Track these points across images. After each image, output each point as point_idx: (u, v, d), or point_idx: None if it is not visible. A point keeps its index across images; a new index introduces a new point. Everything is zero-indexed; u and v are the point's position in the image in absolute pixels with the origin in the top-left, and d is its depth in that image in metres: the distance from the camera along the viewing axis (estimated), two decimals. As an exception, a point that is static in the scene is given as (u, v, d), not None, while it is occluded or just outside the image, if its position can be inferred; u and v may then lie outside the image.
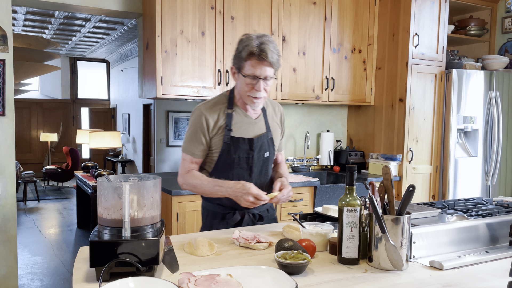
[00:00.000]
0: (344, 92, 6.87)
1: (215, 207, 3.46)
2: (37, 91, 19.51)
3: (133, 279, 2.03)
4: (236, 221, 3.38)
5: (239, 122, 3.33)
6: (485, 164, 7.11)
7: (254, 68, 3.12)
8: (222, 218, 3.43)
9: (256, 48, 3.10)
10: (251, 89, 3.19)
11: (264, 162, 3.46)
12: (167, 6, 5.54)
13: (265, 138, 3.42)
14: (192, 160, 3.37)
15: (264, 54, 3.08)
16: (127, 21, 12.19)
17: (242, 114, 3.37)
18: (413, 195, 2.40)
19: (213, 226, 3.45)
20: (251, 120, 3.38)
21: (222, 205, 3.42)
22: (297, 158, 7.24)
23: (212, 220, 3.48)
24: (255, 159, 3.36)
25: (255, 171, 3.41)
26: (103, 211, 2.23)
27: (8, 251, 5.13)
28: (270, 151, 3.48)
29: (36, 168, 18.73)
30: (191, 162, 3.37)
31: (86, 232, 10.46)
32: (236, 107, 3.37)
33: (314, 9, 6.52)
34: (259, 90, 3.17)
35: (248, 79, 3.16)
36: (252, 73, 3.13)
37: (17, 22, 12.39)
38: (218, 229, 3.33)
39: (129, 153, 16.36)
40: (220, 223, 3.43)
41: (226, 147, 3.28)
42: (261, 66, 3.12)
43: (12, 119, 5.02)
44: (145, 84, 5.98)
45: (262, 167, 3.46)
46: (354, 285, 2.19)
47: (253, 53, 3.11)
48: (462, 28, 7.58)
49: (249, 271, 2.24)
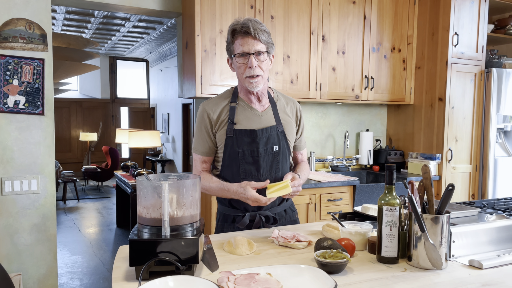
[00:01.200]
0: (384, 92, 6.85)
1: (226, 209, 3.44)
2: (76, 90, 19.69)
3: (172, 278, 2.05)
4: (245, 224, 3.31)
5: (243, 114, 3.30)
6: (526, 164, 7.05)
7: (241, 45, 3.13)
8: (232, 221, 3.40)
9: (238, 25, 3.14)
10: (244, 68, 3.18)
11: (274, 156, 3.34)
12: (207, 6, 5.57)
13: (274, 131, 3.32)
14: (201, 159, 3.38)
15: (246, 28, 3.10)
16: (167, 21, 12.23)
17: (246, 107, 3.34)
18: (452, 194, 2.40)
19: (223, 229, 3.43)
20: (257, 112, 3.33)
21: (234, 207, 3.41)
22: (336, 157, 7.23)
23: (223, 223, 3.45)
24: (261, 153, 3.27)
25: (263, 166, 3.30)
26: (142, 210, 2.26)
27: (48, 250, 5.19)
28: (281, 145, 3.36)
29: (75, 168, 18.91)
30: (201, 162, 3.39)
31: (125, 231, 10.53)
32: (240, 101, 3.36)
33: (354, 8, 6.51)
34: (252, 66, 3.13)
35: (240, 59, 3.17)
36: (241, 50, 3.14)
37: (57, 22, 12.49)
38: (229, 232, 3.30)
39: (168, 152, 16.42)
40: (230, 225, 3.41)
41: (230, 140, 3.25)
42: (247, 40, 3.12)
43: (52, 119, 5.07)
44: (184, 84, 6.01)
45: (273, 162, 3.34)
46: (394, 284, 2.19)
47: (235, 30, 3.15)
48: (502, 27, 7.50)
49: (288, 270, 2.24)
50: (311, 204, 5.75)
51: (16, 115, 4.89)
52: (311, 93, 6.25)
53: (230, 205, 3.41)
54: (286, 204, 3.54)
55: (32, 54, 4.91)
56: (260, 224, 3.34)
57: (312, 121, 7.05)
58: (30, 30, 4.88)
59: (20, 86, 4.85)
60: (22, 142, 4.95)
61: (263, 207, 3.35)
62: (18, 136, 4.92)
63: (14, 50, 4.81)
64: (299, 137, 3.60)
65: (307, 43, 6.21)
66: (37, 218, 5.09)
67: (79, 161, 19.48)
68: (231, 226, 3.39)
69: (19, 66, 4.83)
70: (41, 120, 5.01)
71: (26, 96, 4.89)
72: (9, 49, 4.80)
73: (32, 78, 4.90)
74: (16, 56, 4.82)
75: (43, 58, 4.96)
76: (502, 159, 6.86)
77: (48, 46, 5.00)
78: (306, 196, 5.67)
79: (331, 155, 7.23)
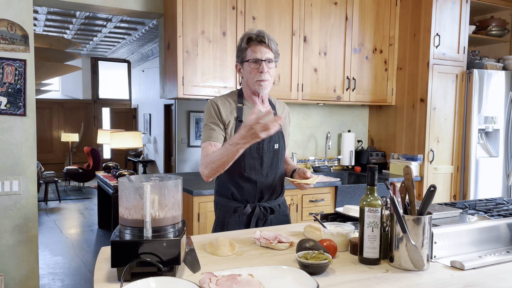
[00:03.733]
0: (365, 92, 6.87)
1: (227, 201, 3.58)
2: (58, 91, 19.61)
3: (154, 279, 2.04)
4: (247, 213, 3.51)
5: (249, 114, 3.31)
6: (506, 164, 7.08)
7: (255, 52, 3.39)
8: (234, 212, 3.55)
9: (254, 34, 3.41)
10: (256, 73, 3.41)
11: (275, 154, 3.58)
12: (188, 6, 5.56)
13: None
14: (210, 144, 3.43)
15: (261, 37, 3.38)
16: (148, 21, 12.22)
17: (252, 108, 3.54)
18: (434, 195, 2.41)
19: (225, 219, 3.57)
20: (261, 114, 3.38)
21: (235, 199, 3.56)
22: (318, 158, 7.24)
23: (225, 214, 3.58)
24: (265, 149, 3.50)
25: (266, 161, 3.52)
26: (124, 211, 2.25)
27: (29, 251, 5.17)
28: (280, 144, 3.61)
29: (57, 168, 18.83)
30: (210, 146, 3.43)
31: (107, 232, 10.51)
32: (246, 102, 3.59)
33: (335, 9, 6.52)
34: (264, 71, 3.39)
35: (252, 64, 3.41)
36: (254, 56, 3.39)
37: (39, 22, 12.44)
38: (230, 223, 3.54)
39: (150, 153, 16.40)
40: (232, 216, 3.55)
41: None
42: (261, 48, 3.39)
43: (33, 119, 5.06)
44: (166, 84, 6.00)
45: (273, 159, 3.57)
46: (375, 285, 2.19)
47: (251, 38, 3.41)
48: (483, 29, 7.55)
49: (270, 271, 2.24)
50: (293, 205, 5.75)
51: (-3, 116, 4.87)
52: (293, 94, 6.26)
53: (232, 197, 3.58)
54: (280, 199, 3.75)
55: (13, 55, 4.89)
56: (260, 215, 3.56)
57: (294, 122, 7.06)
58: (11, 31, 4.86)
59: (2, 87, 4.83)
60: (4, 143, 4.92)
61: (263, 198, 3.60)
62: (0, 137, 4.89)
63: (-6, 50, 4.79)
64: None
65: (289, 44, 6.22)
66: (19, 219, 5.07)
67: (61, 161, 19.41)
68: (233, 216, 3.57)
69: (0, 67, 4.80)
70: (23, 121, 4.99)
71: (7, 97, 4.87)
72: (-10, 49, 4.78)
73: (13, 79, 4.87)
74: (-3, 57, 4.80)
75: (25, 59, 4.94)
76: (483, 160, 6.90)
77: (29, 47, 4.98)
78: (288, 197, 5.67)
79: (313, 156, 7.24)
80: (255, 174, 3.50)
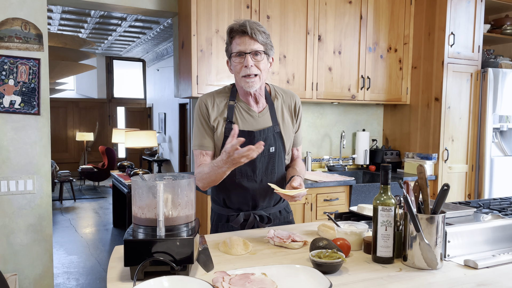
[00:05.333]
0: (380, 91, 6.86)
1: (220, 209, 3.44)
2: (73, 90, 19.68)
3: (167, 278, 2.04)
4: (239, 223, 3.31)
5: (241, 115, 3.27)
6: (522, 164, 7.06)
7: (238, 45, 3.11)
8: (226, 221, 3.40)
9: (236, 25, 3.12)
10: (240, 67, 3.14)
11: (270, 158, 3.31)
12: (203, 5, 5.57)
13: (271, 132, 3.30)
14: (201, 153, 3.31)
15: (243, 27, 3.08)
16: (163, 20, 12.22)
17: (244, 108, 3.30)
18: (447, 194, 2.40)
19: (218, 228, 3.43)
20: (254, 114, 3.29)
21: (228, 206, 3.41)
22: (332, 157, 7.23)
23: (218, 223, 3.44)
24: (258, 154, 2.98)
25: (259, 167, 3.28)
26: (137, 210, 2.25)
27: (44, 250, 5.19)
28: (277, 146, 3.33)
29: (72, 168, 18.88)
30: (202, 155, 3.31)
31: (122, 232, 10.53)
32: (238, 100, 3.32)
33: (350, 8, 6.51)
34: (248, 65, 3.09)
35: (237, 59, 3.14)
36: (237, 49, 3.11)
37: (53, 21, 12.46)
38: (223, 232, 3.29)
39: (165, 152, 16.39)
40: (225, 225, 3.40)
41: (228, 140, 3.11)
42: (244, 40, 3.10)
43: (48, 119, 5.07)
44: (180, 83, 6.01)
45: (268, 164, 3.32)
46: (389, 284, 2.20)
47: (233, 29, 3.14)
48: (498, 27, 7.52)
49: (283, 270, 2.24)
50: (307, 204, 5.75)
51: (12, 115, 4.89)
52: (307, 93, 6.25)
53: (224, 205, 3.41)
54: (282, 205, 3.53)
55: (27, 54, 4.91)
56: (254, 224, 3.33)
57: (308, 121, 7.05)
58: (25, 30, 4.88)
59: (16, 86, 4.85)
60: (18, 142, 4.95)
61: (258, 206, 3.37)
62: (14, 136, 4.92)
63: (9, 50, 4.81)
64: (297, 131, 3.55)
65: (303, 43, 6.21)
66: (33, 218, 5.09)
67: (76, 161, 19.46)
68: (225, 226, 3.39)
69: (14, 66, 4.82)
70: (37, 120, 5.01)
71: (21, 96, 4.89)
72: (5, 49, 4.80)
73: (28, 78, 4.89)
74: (12, 56, 4.82)
75: (39, 58, 4.96)
76: (498, 159, 6.87)
77: (43, 46, 5.00)
78: (302, 196, 5.66)
79: (327, 155, 7.23)
80: (247, 180, 3.29)
